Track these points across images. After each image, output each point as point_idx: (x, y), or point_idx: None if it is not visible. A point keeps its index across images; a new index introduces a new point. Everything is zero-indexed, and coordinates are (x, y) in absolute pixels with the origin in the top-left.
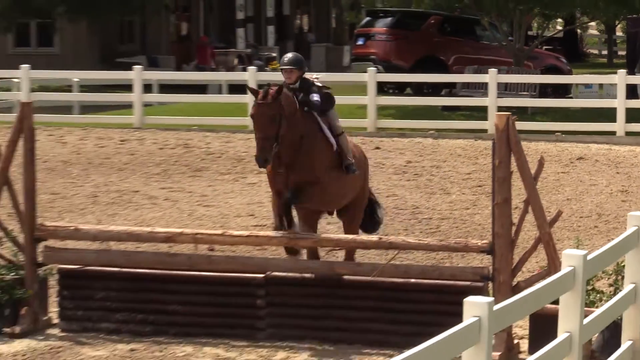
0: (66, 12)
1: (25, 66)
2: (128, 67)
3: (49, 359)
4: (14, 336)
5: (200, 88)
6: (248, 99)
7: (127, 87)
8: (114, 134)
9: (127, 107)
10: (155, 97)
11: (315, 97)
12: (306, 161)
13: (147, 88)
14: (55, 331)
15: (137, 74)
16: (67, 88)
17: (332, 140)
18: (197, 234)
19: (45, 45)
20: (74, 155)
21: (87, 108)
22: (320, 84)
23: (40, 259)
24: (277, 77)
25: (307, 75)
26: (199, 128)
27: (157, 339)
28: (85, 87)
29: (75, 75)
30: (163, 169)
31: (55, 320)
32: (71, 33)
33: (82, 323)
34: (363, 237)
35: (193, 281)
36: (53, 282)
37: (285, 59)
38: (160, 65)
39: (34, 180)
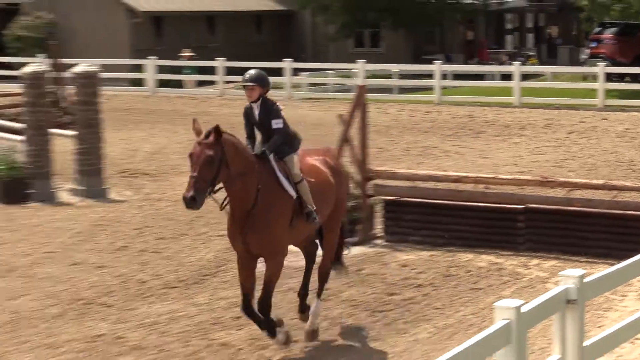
0: (389, 25)
1: (361, 60)
2: (430, 62)
3: (375, 260)
4: (351, 245)
5: (480, 76)
6: (513, 84)
7: (429, 76)
8: (420, 108)
9: (429, 89)
10: (449, 82)
11: (277, 123)
12: (262, 216)
13: (444, 76)
14: (380, 242)
15: (437, 67)
16: (389, 76)
17: (292, 191)
18: (477, 177)
19: (374, 47)
20: (393, 122)
21: (402, 90)
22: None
23: (370, 192)
24: (534, 69)
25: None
26: (480, 104)
27: (448, 249)
28: (401, 76)
29: (395, 67)
30: (454, 132)
31: (380, 234)
32: (392, 38)
33: (398, 236)
34: (593, 180)
35: (474, 209)
36: (379, 208)
37: (247, 76)
38: (453, 61)
39: (366, 139)
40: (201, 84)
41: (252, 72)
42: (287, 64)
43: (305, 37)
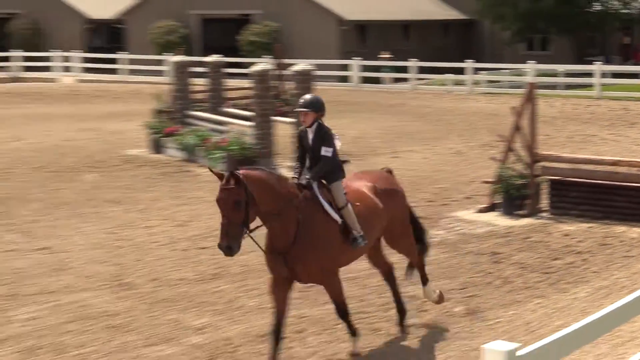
0: (556, 31)
1: (531, 61)
2: (591, 62)
3: (540, 230)
4: (520, 216)
5: (635, 75)
6: None
7: (590, 75)
8: (582, 102)
9: (590, 86)
10: (607, 80)
11: (327, 151)
12: (307, 247)
13: (603, 75)
14: (545, 214)
15: (597, 67)
16: (555, 74)
17: (336, 216)
18: (631, 161)
19: (543, 49)
20: (558, 114)
21: (567, 86)
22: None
23: (537, 172)
24: None
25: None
26: (634, 99)
27: (604, 222)
28: (566, 74)
29: (560, 67)
30: (611, 123)
31: (545, 208)
32: (559, 42)
33: (560, 210)
34: None
35: (628, 189)
36: (545, 186)
37: (301, 101)
38: (612, 62)
39: (535, 127)
40: (397, 80)
41: (307, 97)
42: (468, 64)
43: (485, 42)
